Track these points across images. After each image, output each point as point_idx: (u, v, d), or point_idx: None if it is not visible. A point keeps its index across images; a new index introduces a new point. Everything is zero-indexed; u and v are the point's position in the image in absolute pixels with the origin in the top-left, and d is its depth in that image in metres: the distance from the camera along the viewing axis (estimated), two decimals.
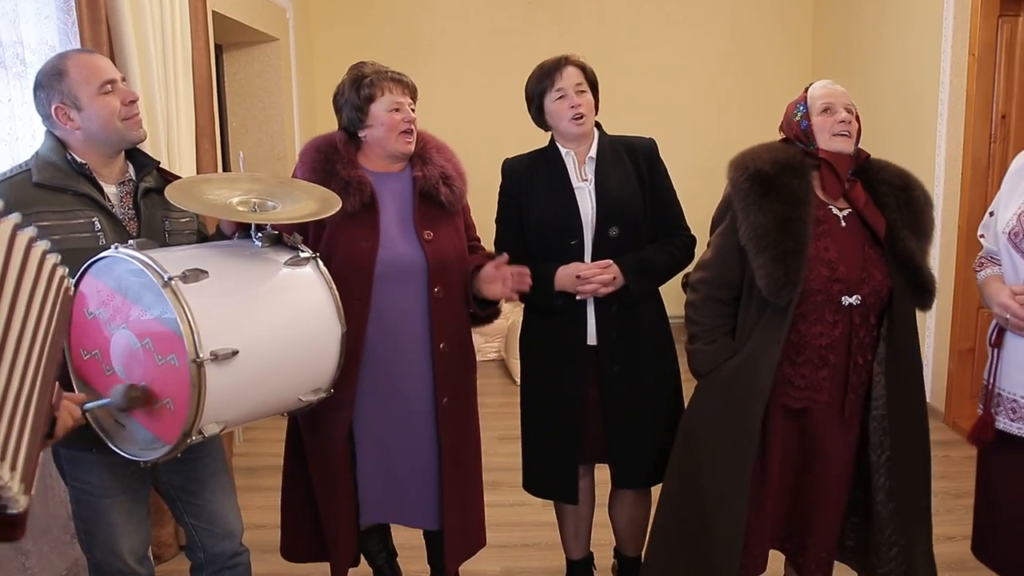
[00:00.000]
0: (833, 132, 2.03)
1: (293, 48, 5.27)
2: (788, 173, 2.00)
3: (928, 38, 4.44)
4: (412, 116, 2.27)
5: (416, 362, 2.29)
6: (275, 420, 2.13)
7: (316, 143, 2.32)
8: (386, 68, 2.30)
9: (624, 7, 5.94)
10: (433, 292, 2.26)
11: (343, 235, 2.22)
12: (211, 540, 2.16)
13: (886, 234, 2.02)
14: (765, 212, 1.98)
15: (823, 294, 2.00)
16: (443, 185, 2.30)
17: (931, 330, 4.48)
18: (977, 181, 4.16)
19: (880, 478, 2.06)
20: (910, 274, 2.01)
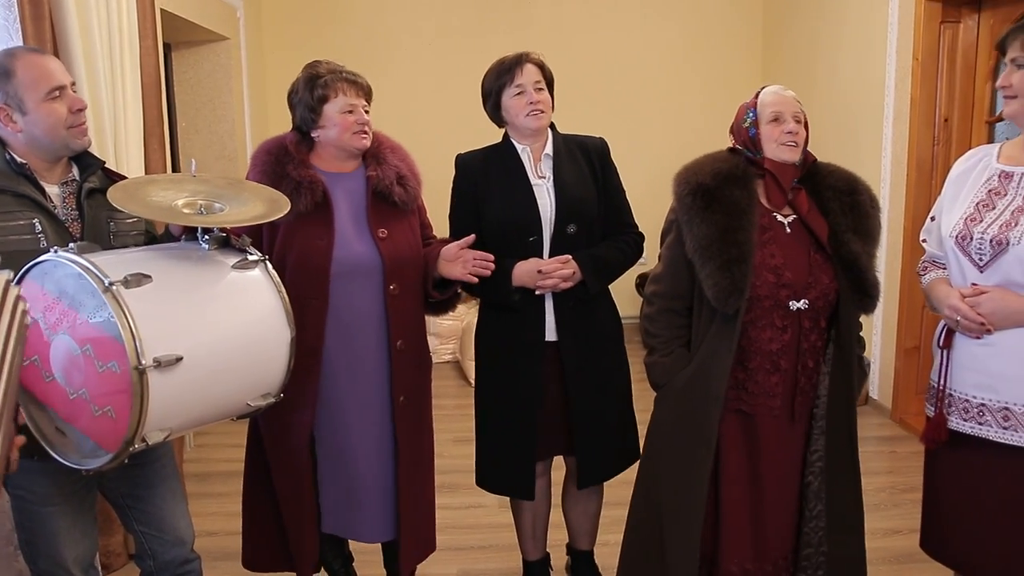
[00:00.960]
0: (780, 142, 2.05)
1: (244, 48, 5.20)
2: (730, 184, 2.03)
3: (874, 44, 4.54)
4: (365, 119, 2.26)
5: (373, 360, 2.29)
6: (228, 425, 2.10)
7: (266, 146, 2.30)
8: (341, 68, 2.29)
9: (577, 10, 5.96)
10: (389, 290, 2.26)
11: (298, 235, 2.21)
12: (161, 547, 2.12)
13: (831, 238, 2.06)
14: (708, 224, 2.01)
15: (771, 300, 2.03)
16: (397, 185, 2.30)
17: (878, 329, 4.57)
18: (922, 183, 4.26)
19: (812, 480, 2.10)
20: (853, 278, 2.04)
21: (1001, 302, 1.86)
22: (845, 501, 2.13)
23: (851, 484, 2.15)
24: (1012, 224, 1.86)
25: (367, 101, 2.29)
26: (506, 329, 2.46)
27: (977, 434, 1.94)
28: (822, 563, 2.12)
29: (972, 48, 4.15)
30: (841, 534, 2.12)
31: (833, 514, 2.11)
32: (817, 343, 2.07)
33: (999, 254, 1.87)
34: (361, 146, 2.28)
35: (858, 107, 4.73)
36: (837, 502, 2.11)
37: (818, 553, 2.12)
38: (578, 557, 2.74)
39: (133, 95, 3.09)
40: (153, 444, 1.71)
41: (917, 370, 4.41)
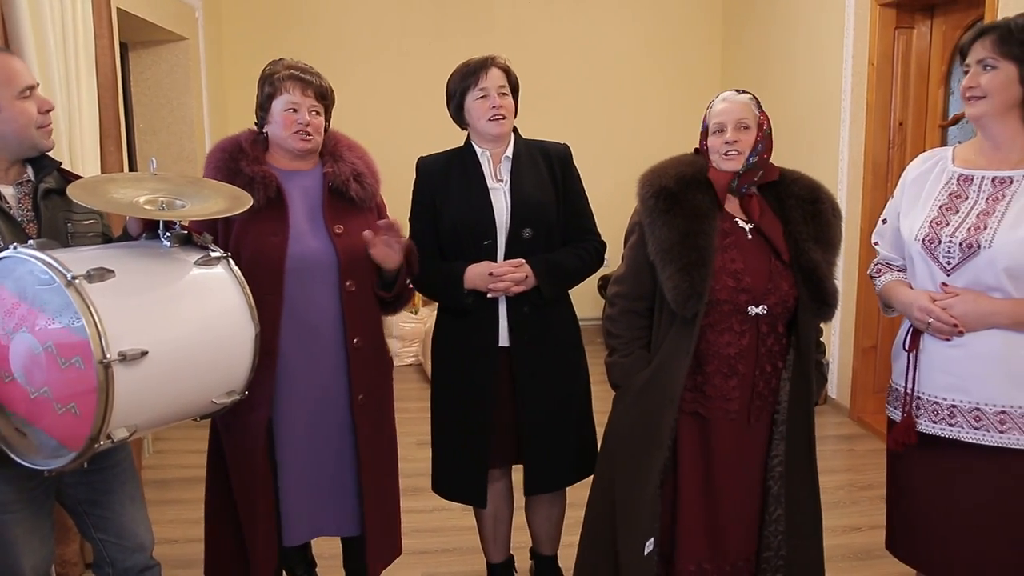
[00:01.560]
0: (720, 153, 2.07)
1: (203, 48, 5.14)
2: (692, 188, 2.05)
3: (831, 49, 4.61)
4: (307, 119, 2.23)
5: (331, 358, 2.26)
6: (187, 430, 2.07)
7: (222, 144, 2.29)
8: (297, 65, 2.27)
9: (537, 14, 5.99)
10: (345, 286, 2.24)
11: (251, 230, 2.19)
12: (120, 554, 2.08)
13: (791, 246, 2.08)
14: (669, 227, 2.03)
15: (730, 304, 2.04)
16: (354, 182, 2.29)
17: (836, 329, 4.65)
18: (877, 186, 4.34)
19: (772, 484, 2.12)
20: (812, 286, 2.06)
21: (973, 304, 1.87)
22: (804, 506, 2.15)
23: (810, 489, 2.17)
24: (980, 227, 1.88)
25: (318, 101, 2.26)
26: (460, 334, 2.46)
27: (948, 435, 1.95)
28: (781, 566, 2.14)
29: (925, 53, 4.24)
30: (800, 539, 2.14)
31: (792, 518, 2.13)
32: (775, 348, 2.09)
33: (969, 257, 1.88)
34: (300, 147, 2.24)
35: (816, 111, 4.81)
36: (796, 507, 2.13)
37: (777, 556, 2.14)
38: (542, 562, 2.74)
39: (88, 95, 3.04)
40: (118, 441, 1.68)
41: (874, 369, 4.49)
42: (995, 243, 1.85)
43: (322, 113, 2.28)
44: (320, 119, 2.27)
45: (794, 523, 2.13)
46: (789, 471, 2.12)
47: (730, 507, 2.12)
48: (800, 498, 2.14)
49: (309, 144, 2.25)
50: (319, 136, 2.28)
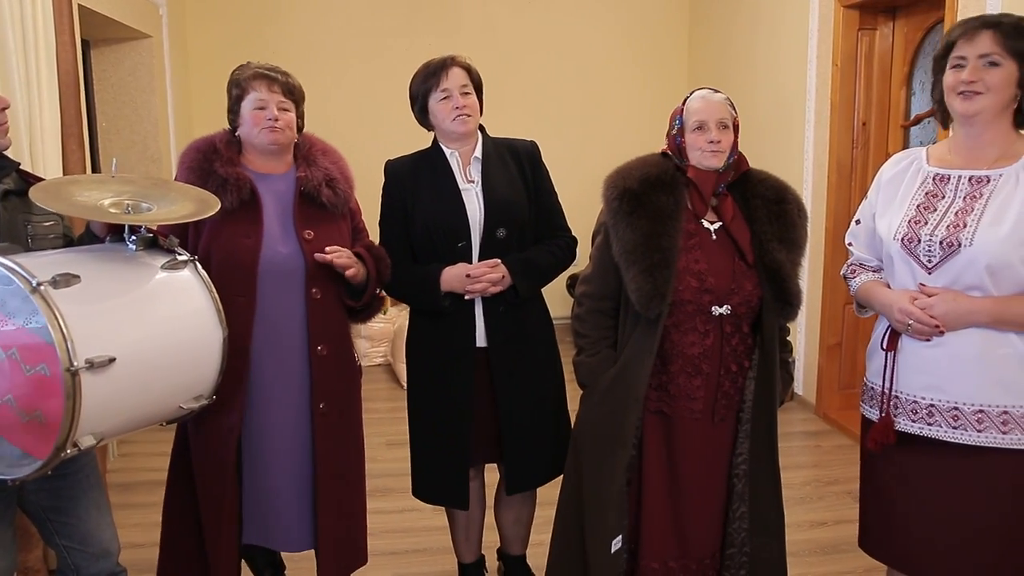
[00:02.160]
0: (703, 150, 2.07)
1: (167, 46, 5.07)
2: (656, 189, 2.06)
3: (796, 50, 4.67)
4: (275, 114, 2.21)
5: (294, 365, 2.24)
6: (152, 433, 2.05)
7: (196, 144, 2.27)
8: (262, 66, 2.27)
9: (505, 13, 5.98)
10: (311, 293, 2.22)
11: (224, 232, 2.17)
12: (85, 561, 2.05)
13: (756, 246, 2.09)
14: (633, 228, 2.04)
15: (693, 304, 2.06)
16: (326, 187, 2.27)
17: (801, 327, 4.70)
18: (842, 185, 4.40)
19: (737, 482, 2.15)
20: (776, 287, 2.08)
21: (953, 303, 1.87)
22: (767, 503, 2.17)
23: (772, 487, 2.19)
24: (960, 226, 1.88)
25: (286, 97, 2.25)
26: (436, 335, 2.45)
27: (927, 435, 1.95)
28: (744, 563, 2.16)
29: (888, 54, 4.30)
30: (763, 536, 2.16)
31: (755, 516, 2.15)
32: (739, 348, 2.11)
33: (949, 256, 1.88)
34: (269, 139, 2.22)
35: (781, 111, 4.86)
36: (759, 504, 2.15)
37: (741, 553, 2.16)
38: (511, 562, 2.74)
39: (49, 93, 2.99)
40: (85, 449, 1.66)
41: (839, 366, 4.55)
42: (976, 241, 1.85)
43: (291, 109, 2.26)
44: (289, 115, 2.25)
45: (757, 520, 2.15)
46: (753, 469, 2.13)
47: (695, 505, 2.14)
48: (763, 496, 2.16)
49: (279, 136, 2.23)
50: (290, 131, 2.26)
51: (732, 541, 2.15)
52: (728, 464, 2.15)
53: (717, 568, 2.19)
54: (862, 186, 4.40)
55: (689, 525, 2.14)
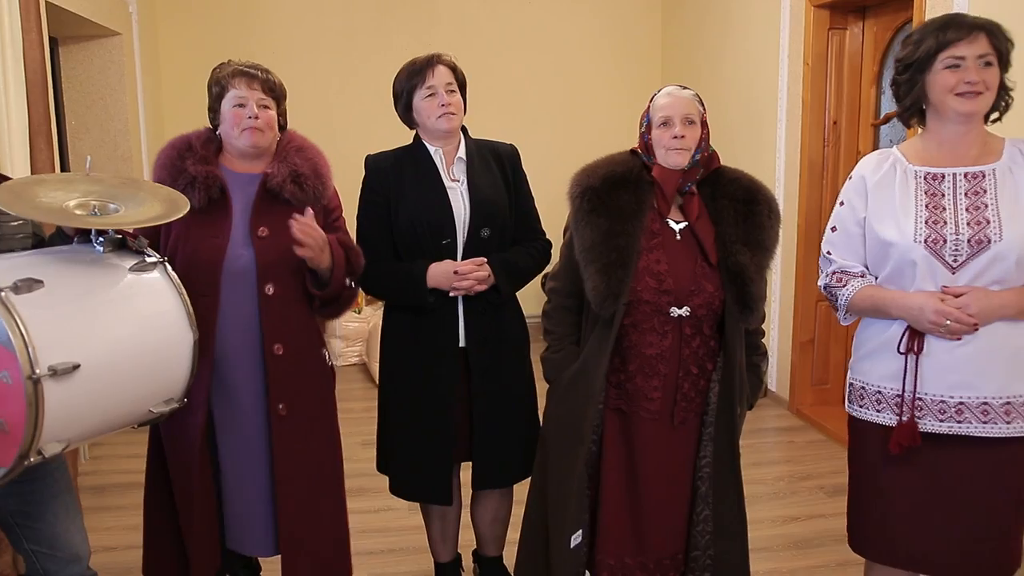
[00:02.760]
0: (668, 147, 2.05)
1: (137, 44, 5.01)
2: (619, 188, 2.05)
3: (767, 49, 4.70)
4: (255, 112, 2.19)
5: (254, 365, 2.21)
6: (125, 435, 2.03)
7: (173, 141, 2.25)
8: (243, 64, 2.25)
9: (480, 11, 5.98)
10: (263, 291, 2.18)
11: (192, 231, 2.15)
12: (55, 566, 2.03)
13: (720, 247, 2.07)
14: (592, 227, 2.03)
15: (651, 305, 2.05)
16: (291, 183, 2.22)
17: (774, 323, 4.74)
18: (813, 183, 4.44)
19: (701, 484, 2.14)
20: (736, 289, 2.06)
21: (985, 300, 1.88)
22: (729, 507, 2.17)
23: (734, 490, 2.18)
24: (982, 223, 1.90)
25: (266, 95, 2.23)
26: (418, 333, 2.44)
27: (955, 432, 1.96)
28: (708, 566, 2.16)
29: (858, 53, 4.35)
30: (726, 539, 2.16)
31: (719, 519, 2.15)
32: (701, 350, 2.09)
33: (978, 253, 1.90)
34: (250, 142, 2.20)
35: (753, 110, 4.89)
36: (722, 507, 2.15)
37: (705, 556, 2.15)
38: (486, 563, 2.74)
39: (16, 92, 2.95)
40: (50, 456, 1.64)
41: (812, 363, 4.59)
42: (1005, 236, 1.88)
43: (272, 107, 2.24)
44: (270, 112, 2.23)
45: (721, 523, 2.15)
46: (716, 472, 2.13)
47: (655, 505, 2.13)
48: (726, 499, 2.15)
49: (259, 138, 2.20)
50: (271, 131, 2.23)
51: (696, 544, 2.15)
52: (692, 467, 2.15)
53: (680, 570, 2.18)
54: (834, 184, 4.44)
55: (648, 524, 2.13)
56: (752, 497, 3.51)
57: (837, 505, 3.51)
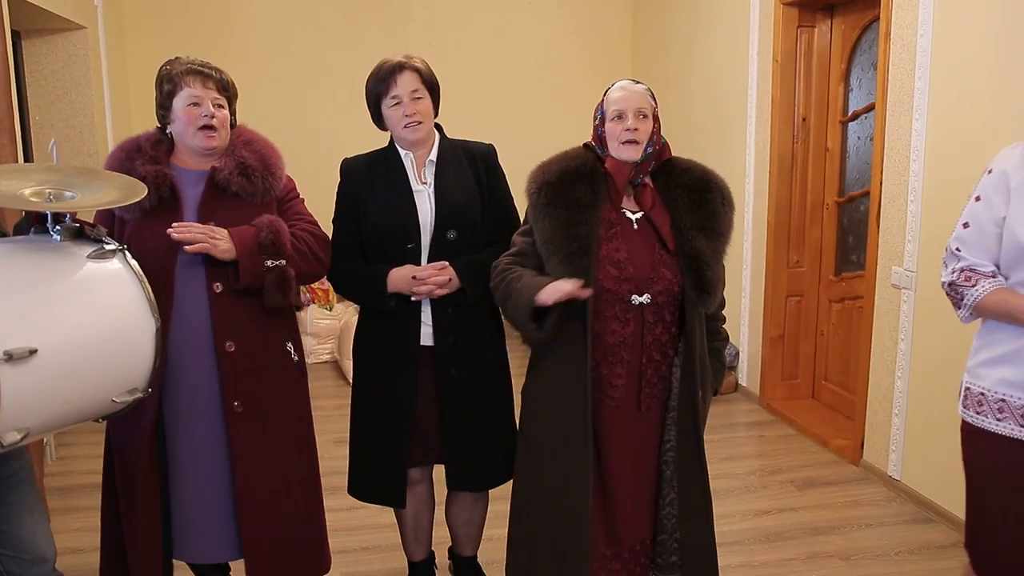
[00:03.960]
0: (620, 140, 2.09)
1: (103, 38, 4.94)
2: (574, 181, 2.08)
3: (737, 46, 4.74)
4: (211, 111, 2.17)
5: (208, 364, 2.18)
6: (90, 435, 1.99)
7: (121, 143, 2.23)
8: (194, 61, 2.21)
9: (452, 8, 5.96)
10: (212, 287, 2.16)
11: (144, 231, 2.13)
12: (19, 568, 1.99)
13: (676, 234, 2.10)
14: (550, 218, 2.06)
15: (612, 293, 2.07)
16: (239, 176, 2.19)
17: (745, 318, 4.78)
18: (783, 179, 4.47)
19: (665, 468, 2.15)
20: (693, 274, 2.08)
21: None
22: (694, 489, 2.18)
23: (699, 473, 2.18)
24: None
25: (221, 93, 2.20)
26: (381, 334, 2.43)
27: None
28: (675, 549, 2.17)
29: (826, 51, 4.39)
30: (691, 521, 2.17)
31: (684, 502, 2.16)
32: (663, 337, 2.11)
33: None
34: (206, 146, 2.18)
35: (723, 107, 4.92)
36: (687, 490, 2.16)
37: (671, 539, 2.17)
38: (461, 562, 2.73)
39: None
40: (8, 445, 1.60)
41: (782, 357, 4.63)
42: None
43: (226, 106, 2.23)
44: (224, 112, 2.22)
45: (686, 506, 2.16)
46: (680, 456, 2.15)
47: (625, 493, 2.14)
48: (690, 481, 2.17)
49: (215, 141, 2.19)
50: (225, 130, 2.22)
51: (663, 527, 2.16)
52: (658, 452, 2.17)
53: (649, 555, 2.20)
54: (803, 180, 4.48)
55: (618, 512, 2.14)
56: (723, 491, 3.56)
57: (807, 499, 3.55)
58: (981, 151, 2.98)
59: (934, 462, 3.38)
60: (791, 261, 4.56)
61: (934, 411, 3.36)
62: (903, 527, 3.31)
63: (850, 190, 4.36)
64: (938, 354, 3.33)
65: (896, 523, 3.34)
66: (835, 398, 4.48)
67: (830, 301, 4.50)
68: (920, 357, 3.44)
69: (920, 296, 3.41)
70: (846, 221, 4.41)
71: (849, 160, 4.37)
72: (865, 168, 4.18)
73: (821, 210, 4.51)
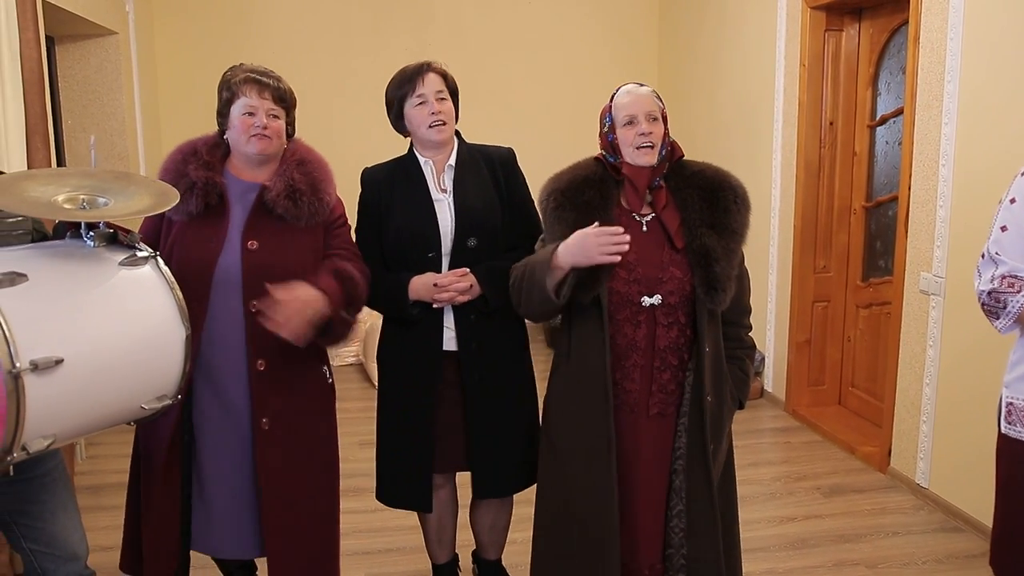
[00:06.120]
0: (635, 145, 2.07)
1: (134, 43, 5.01)
2: (583, 188, 2.08)
3: (764, 50, 4.71)
4: (264, 122, 2.17)
5: (238, 377, 2.19)
6: (120, 435, 2.02)
7: (180, 146, 2.25)
8: (255, 69, 2.22)
9: (477, 14, 5.98)
10: (249, 306, 2.14)
11: (188, 236, 2.15)
12: (53, 564, 2.03)
13: (685, 232, 2.07)
14: (561, 221, 2.06)
15: (622, 295, 2.05)
16: (286, 199, 2.18)
17: (771, 324, 4.75)
18: (809, 184, 4.44)
19: (675, 478, 2.11)
20: (702, 271, 2.05)
21: None
22: (701, 504, 2.12)
23: (704, 484, 2.12)
24: None
25: (276, 104, 2.20)
26: (406, 342, 2.44)
27: None
28: (683, 566, 2.11)
29: (854, 55, 4.36)
30: (696, 536, 2.11)
31: (691, 515, 2.10)
32: (679, 340, 2.08)
33: None
34: (257, 149, 2.18)
35: (749, 111, 4.90)
36: (694, 504, 2.11)
37: (679, 555, 2.11)
38: (485, 567, 2.73)
39: (13, 90, 2.95)
40: (35, 452, 1.62)
41: (808, 363, 4.59)
42: None
43: (281, 117, 2.22)
44: (279, 122, 2.21)
45: (692, 520, 2.11)
46: (689, 466, 2.10)
47: (639, 505, 2.10)
48: (698, 497, 2.11)
49: (267, 144, 2.18)
50: (278, 140, 2.22)
51: (670, 541, 2.11)
52: (670, 460, 2.12)
53: (661, 571, 2.14)
54: (830, 184, 4.45)
55: (635, 527, 2.10)
56: (749, 497, 3.54)
57: (833, 506, 3.52)
58: (1011, 155, 2.94)
59: (963, 470, 3.34)
60: (818, 266, 4.53)
61: (963, 418, 3.32)
62: (931, 536, 3.27)
63: (878, 195, 4.32)
64: (967, 361, 3.29)
65: (924, 532, 3.30)
66: (862, 404, 4.44)
67: (857, 307, 4.46)
68: (949, 364, 3.40)
69: (949, 302, 3.37)
70: (874, 226, 4.38)
71: (877, 164, 4.34)
72: (893, 173, 4.14)
73: (848, 215, 4.48)
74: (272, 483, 2.21)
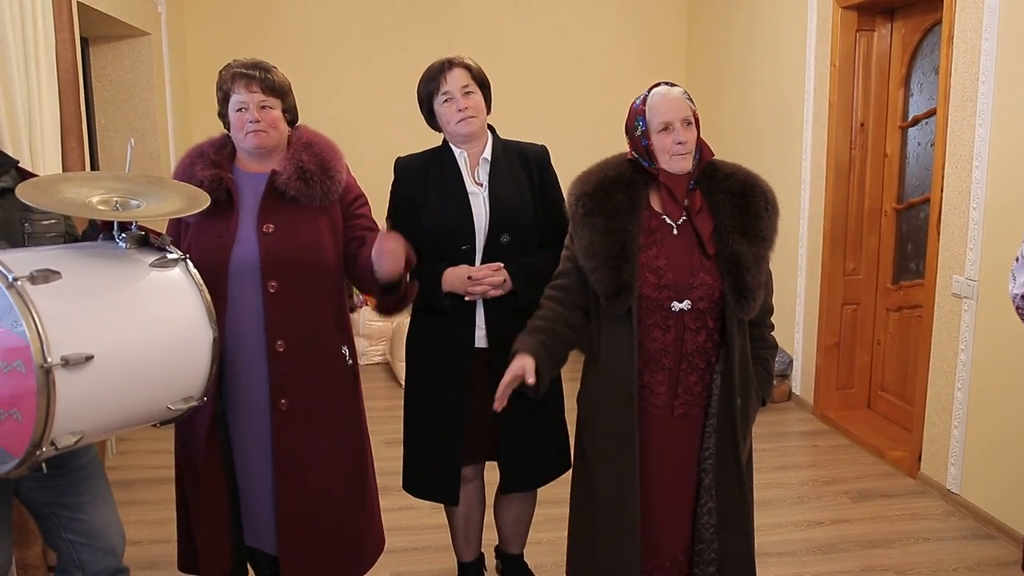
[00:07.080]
0: (672, 153, 2.05)
1: (166, 43, 5.07)
2: (611, 189, 2.07)
3: (794, 51, 4.67)
4: (256, 115, 2.17)
5: (259, 361, 2.21)
6: (151, 431, 2.04)
7: (189, 150, 2.29)
8: (243, 63, 2.22)
9: (505, 12, 5.98)
10: (267, 286, 2.18)
11: (202, 233, 2.18)
12: (92, 556, 2.05)
13: (717, 238, 2.06)
14: (589, 227, 2.05)
15: (652, 300, 2.05)
16: (297, 180, 2.20)
17: (800, 326, 4.71)
18: (840, 186, 4.40)
19: (704, 477, 2.12)
20: (733, 278, 2.04)
21: None
22: (732, 500, 2.15)
23: (737, 483, 2.15)
24: None
25: (267, 95, 2.20)
26: (436, 334, 2.45)
27: None
28: (713, 559, 2.14)
29: (886, 55, 4.31)
30: (728, 532, 2.15)
31: (722, 512, 2.13)
32: (707, 344, 2.08)
33: None
34: (253, 144, 2.20)
35: (779, 112, 4.86)
36: (725, 500, 2.13)
37: (709, 549, 2.14)
38: (508, 561, 2.74)
39: (49, 91, 2.99)
40: (63, 448, 1.64)
41: (837, 366, 4.55)
42: None
43: (275, 107, 2.22)
44: (272, 113, 2.21)
45: (724, 516, 2.14)
46: (719, 465, 2.12)
47: (663, 502, 2.12)
48: (729, 491, 2.13)
49: (263, 139, 2.20)
50: (275, 131, 2.22)
51: (701, 537, 2.14)
52: (698, 461, 2.14)
53: (688, 564, 2.17)
54: (860, 186, 4.40)
55: (659, 522, 2.12)
56: (776, 501, 3.51)
57: (862, 511, 3.49)
58: None
59: (995, 476, 3.29)
60: (847, 268, 4.48)
61: (995, 424, 3.27)
62: (962, 542, 3.23)
63: (909, 197, 4.27)
64: (1000, 366, 3.24)
65: (955, 538, 3.26)
66: (892, 409, 4.39)
67: (887, 310, 4.41)
68: (981, 368, 3.35)
69: (982, 306, 3.32)
70: (905, 228, 4.32)
71: (909, 166, 4.28)
72: (925, 174, 4.09)
73: (879, 217, 4.43)
74: (287, 464, 2.22)
